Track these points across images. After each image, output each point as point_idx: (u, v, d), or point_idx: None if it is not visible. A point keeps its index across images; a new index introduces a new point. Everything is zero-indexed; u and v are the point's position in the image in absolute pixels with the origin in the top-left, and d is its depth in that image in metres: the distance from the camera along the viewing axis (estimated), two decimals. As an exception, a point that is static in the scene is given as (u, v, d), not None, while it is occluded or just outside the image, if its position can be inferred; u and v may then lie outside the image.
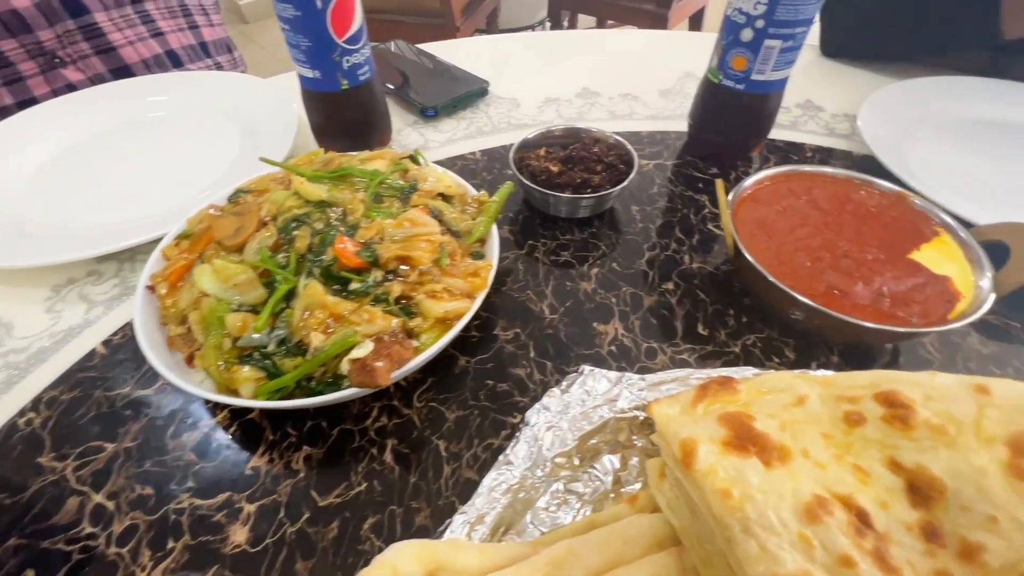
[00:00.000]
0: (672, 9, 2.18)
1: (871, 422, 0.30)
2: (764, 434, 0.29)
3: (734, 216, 0.46)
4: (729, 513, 0.25)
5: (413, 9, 2.17)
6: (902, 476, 0.28)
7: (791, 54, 0.52)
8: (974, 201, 0.55)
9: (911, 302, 0.40)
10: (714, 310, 0.47)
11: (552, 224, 0.55)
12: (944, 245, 0.44)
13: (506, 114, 0.73)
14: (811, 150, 0.66)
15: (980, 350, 0.44)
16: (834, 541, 0.25)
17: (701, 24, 2.54)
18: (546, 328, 0.46)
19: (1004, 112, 0.68)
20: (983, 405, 0.28)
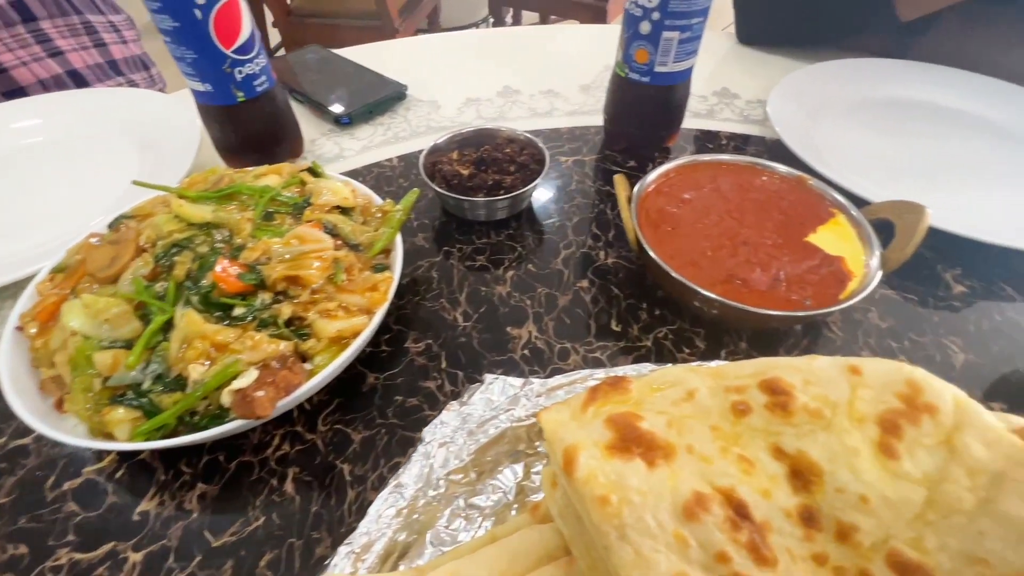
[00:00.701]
0: (611, 2, 2.20)
1: (756, 411, 0.30)
2: (650, 433, 0.29)
3: (639, 210, 0.46)
4: (606, 520, 0.25)
5: (349, 12, 2.13)
6: (785, 463, 0.29)
7: (691, 45, 0.53)
8: (875, 180, 0.57)
9: (806, 285, 0.40)
10: (627, 305, 0.47)
11: (468, 228, 0.54)
12: (839, 226, 0.45)
13: (425, 117, 0.71)
14: (726, 137, 0.67)
15: (879, 325, 0.45)
16: (710, 538, 0.25)
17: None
18: (459, 337, 0.45)
19: (904, 91, 0.70)
20: (856, 386, 0.29)
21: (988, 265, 0.50)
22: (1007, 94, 0.67)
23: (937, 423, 0.27)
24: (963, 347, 0.44)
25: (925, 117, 0.67)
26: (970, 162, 0.61)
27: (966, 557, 0.24)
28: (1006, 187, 0.57)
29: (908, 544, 0.25)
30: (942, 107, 0.68)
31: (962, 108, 0.67)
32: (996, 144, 0.63)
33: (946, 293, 0.48)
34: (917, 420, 0.27)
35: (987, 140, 0.63)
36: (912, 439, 0.27)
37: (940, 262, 0.51)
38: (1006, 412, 0.39)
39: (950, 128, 0.65)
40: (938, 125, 0.66)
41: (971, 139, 0.64)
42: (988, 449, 0.25)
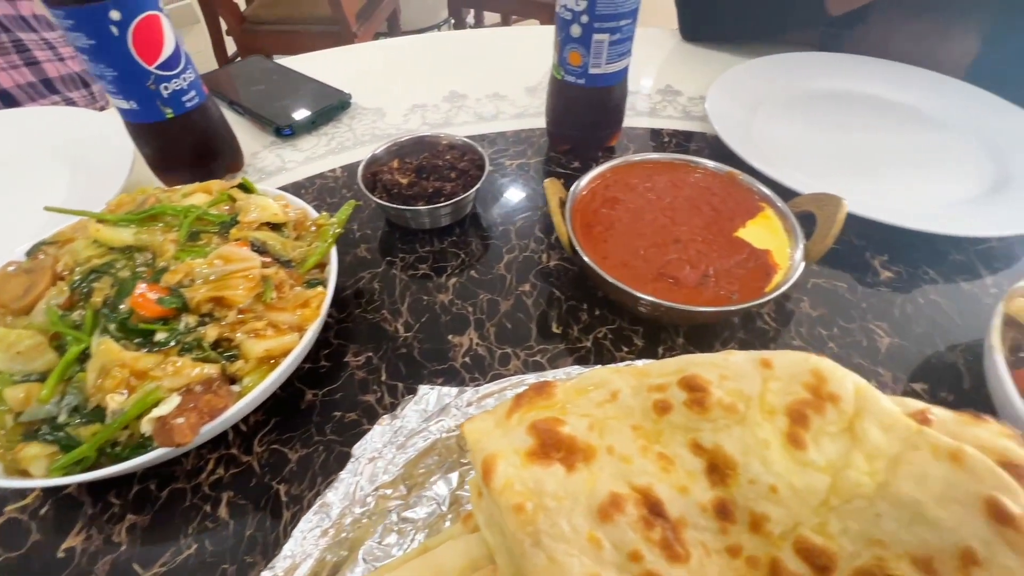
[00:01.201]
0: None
1: (677, 408, 0.31)
2: (570, 437, 0.29)
3: (574, 213, 0.46)
4: (521, 528, 0.25)
5: (306, 18, 2.09)
6: (704, 458, 0.29)
7: (622, 46, 0.53)
8: (810, 172, 0.58)
9: (734, 279, 0.41)
10: (569, 306, 0.47)
11: (412, 237, 0.54)
12: (767, 220, 0.46)
13: (370, 126, 0.70)
14: (669, 135, 0.68)
15: (811, 313, 0.47)
16: (623, 538, 0.25)
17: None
18: (400, 347, 0.45)
19: (838, 83, 0.73)
20: (767, 379, 0.30)
21: (913, 250, 0.52)
22: (933, 83, 0.70)
23: (840, 411, 0.28)
24: (889, 331, 0.45)
25: (858, 108, 0.69)
26: (899, 151, 0.63)
27: (865, 539, 0.25)
28: (932, 174, 0.60)
29: (814, 530, 0.26)
30: (874, 98, 0.70)
31: (892, 98, 0.70)
32: (924, 132, 0.65)
33: (874, 279, 0.50)
34: (822, 409, 0.28)
35: (916, 129, 0.66)
36: (818, 428, 0.28)
37: (869, 249, 0.52)
38: (927, 392, 0.41)
39: (881, 118, 0.68)
40: (870, 116, 0.68)
41: (901, 128, 0.66)
42: (886, 434, 0.27)
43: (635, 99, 0.75)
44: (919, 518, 0.24)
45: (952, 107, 0.67)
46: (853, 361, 0.43)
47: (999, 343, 0.37)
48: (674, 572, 0.25)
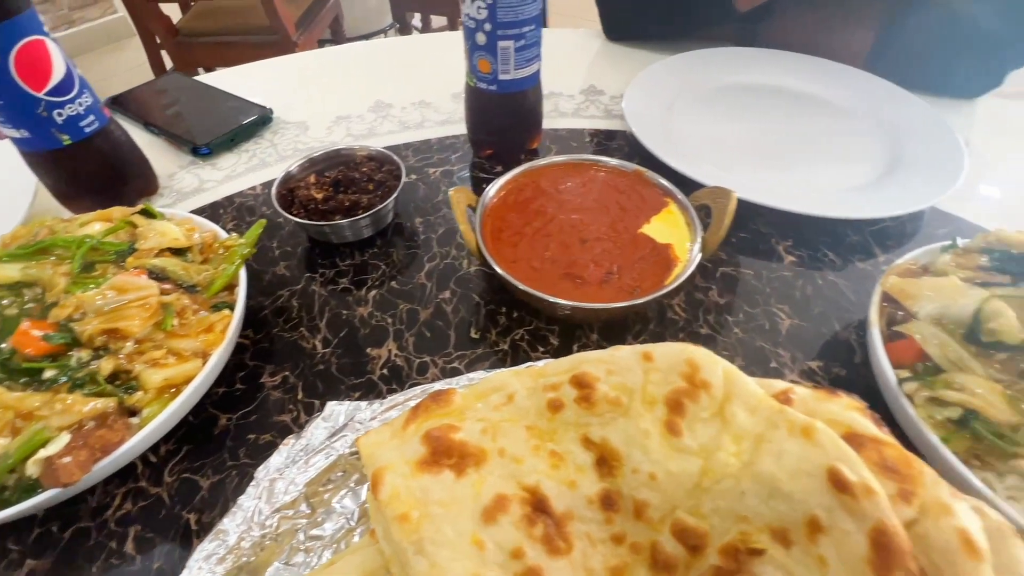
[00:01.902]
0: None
1: (568, 406, 0.32)
2: (463, 443, 0.30)
3: (484, 219, 0.47)
4: (405, 536, 0.26)
5: (242, 29, 2.04)
6: (593, 452, 0.31)
7: (529, 52, 0.54)
8: (721, 166, 0.61)
9: (636, 274, 0.43)
10: (487, 311, 0.48)
11: (332, 251, 0.54)
12: (671, 215, 0.48)
13: (293, 140, 0.70)
14: (591, 134, 0.70)
15: (718, 301, 0.49)
16: (506, 537, 0.26)
17: (546, 16, 2.61)
18: (317, 364, 0.44)
19: (751, 77, 0.76)
20: (648, 371, 0.31)
21: (815, 234, 0.55)
22: (835, 73, 0.74)
23: (711, 397, 0.29)
24: (790, 313, 0.48)
25: (768, 100, 0.72)
26: (805, 139, 0.66)
27: (733, 516, 0.26)
28: (834, 160, 0.63)
29: (689, 512, 0.27)
30: (782, 89, 0.74)
31: (799, 89, 0.73)
32: (827, 121, 0.69)
33: (778, 265, 0.52)
34: (696, 397, 0.29)
35: (820, 117, 0.69)
36: (692, 415, 0.29)
37: (775, 236, 0.55)
38: (822, 368, 0.44)
39: (788, 108, 0.71)
40: (779, 106, 0.71)
41: (806, 118, 0.69)
42: (751, 415, 0.28)
43: (559, 100, 0.76)
44: (776, 492, 0.26)
45: (852, 95, 0.71)
46: (755, 344, 0.45)
47: (876, 318, 0.39)
48: (555, 565, 0.26)
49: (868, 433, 0.26)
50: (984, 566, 0.21)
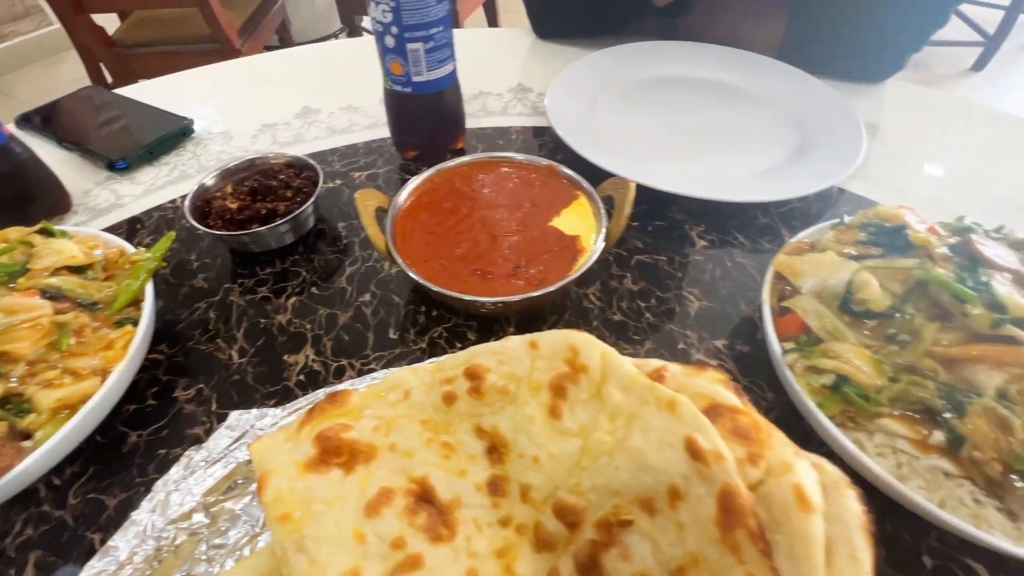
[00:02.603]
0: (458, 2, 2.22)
1: (462, 397, 0.32)
2: (353, 441, 0.30)
3: (396, 221, 0.48)
4: (287, 536, 0.26)
5: (183, 38, 1.99)
6: (485, 440, 0.32)
7: (440, 53, 0.55)
8: (639, 157, 0.63)
9: (544, 267, 0.44)
10: (407, 311, 0.49)
11: (253, 261, 0.54)
12: (580, 207, 0.49)
13: (216, 151, 0.69)
14: (517, 132, 0.71)
15: (632, 288, 0.50)
16: (388, 529, 0.27)
17: (496, 14, 2.62)
18: (233, 375, 0.44)
19: (671, 69, 0.78)
20: (534, 358, 0.32)
21: (726, 219, 0.57)
22: (749, 63, 0.76)
23: (590, 379, 0.30)
24: (699, 296, 0.50)
25: (686, 91, 0.75)
26: (720, 127, 0.69)
27: (608, 491, 0.28)
28: (747, 146, 0.66)
29: (569, 490, 0.28)
30: (699, 80, 0.76)
31: (715, 79, 0.76)
32: (741, 109, 0.71)
33: (691, 250, 0.54)
34: (576, 380, 0.31)
35: (734, 106, 0.72)
36: (573, 397, 0.30)
37: (689, 222, 0.57)
38: (726, 346, 0.46)
39: (705, 98, 0.73)
40: (696, 97, 0.74)
41: (722, 106, 0.72)
42: (625, 394, 0.30)
43: (487, 99, 0.77)
44: (643, 466, 0.27)
45: (765, 84, 0.74)
46: (665, 327, 0.47)
47: (768, 296, 0.42)
48: (437, 551, 0.27)
49: (727, 403, 0.28)
50: (814, 516, 0.23)
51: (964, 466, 0.31)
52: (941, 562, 0.34)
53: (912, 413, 0.33)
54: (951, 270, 0.37)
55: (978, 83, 3.02)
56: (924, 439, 0.32)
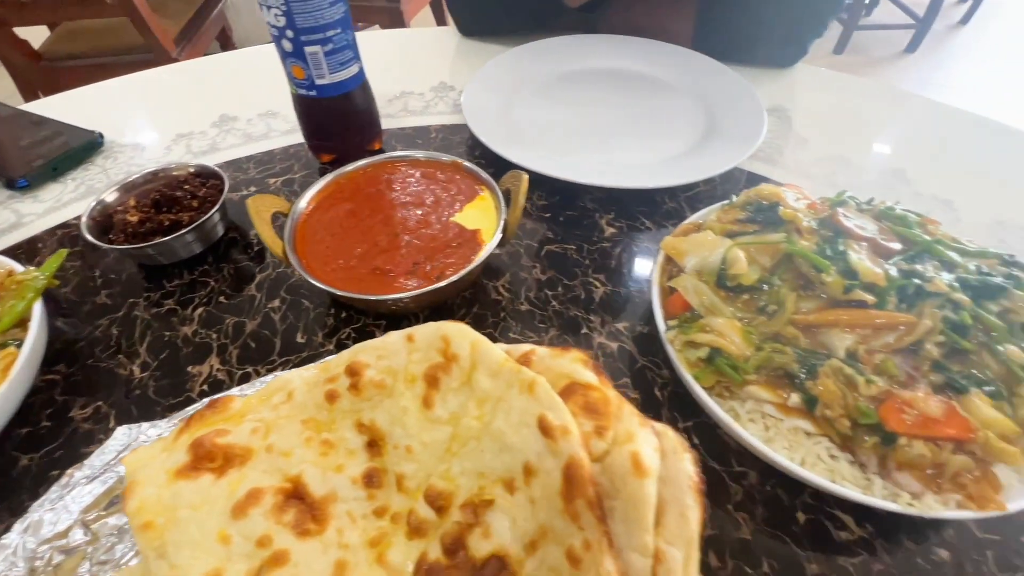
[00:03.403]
0: (403, 3, 2.21)
1: (343, 395, 0.33)
2: (228, 445, 0.30)
3: (297, 226, 0.47)
4: (148, 544, 0.26)
5: (114, 48, 1.92)
6: (365, 435, 0.32)
7: (341, 55, 0.55)
8: (553, 149, 0.64)
9: (443, 261, 0.45)
10: (316, 314, 0.49)
11: (159, 274, 0.53)
12: (483, 201, 0.50)
13: (127, 164, 0.67)
14: (436, 130, 0.71)
15: (540, 278, 0.52)
16: (254, 528, 0.27)
17: (444, 12, 2.61)
18: (134, 390, 0.44)
19: (589, 62, 0.79)
20: (411, 351, 0.33)
21: (634, 205, 0.59)
22: (663, 53, 0.79)
23: (461, 368, 0.31)
24: (604, 281, 0.51)
25: (604, 83, 0.76)
26: (633, 116, 0.70)
27: (475, 474, 0.29)
28: (658, 133, 0.67)
29: (440, 477, 0.29)
30: (617, 72, 0.78)
31: (633, 70, 0.78)
32: (654, 97, 0.73)
33: (599, 237, 0.56)
34: (448, 369, 0.31)
35: (648, 95, 0.74)
36: (446, 387, 0.31)
37: (599, 211, 0.59)
38: (627, 328, 0.47)
39: (622, 89, 0.75)
40: (613, 88, 0.75)
41: (638, 96, 0.74)
42: (493, 380, 0.30)
43: (408, 99, 0.77)
44: (504, 446, 0.28)
45: (677, 73, 0.76)
46: (570, 313, 0.48)
47: (656, 277, 0.43)
48: (304, 546, 0.27)
49: (583, 381, 0.29)
50: (647, 481, 0.24)
51: (820, 424, 0.33)
52: (813, 516, 0.36)
53: (775, 379, 0.35)
54: (815, 242, 0.39)
55: (911, 64, 3.16)
56: (785, 402, 0.34)
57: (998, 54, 3.16)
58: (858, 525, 0.35)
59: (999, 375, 0.33)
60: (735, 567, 0.34)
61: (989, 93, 2.86)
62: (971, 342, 0.34)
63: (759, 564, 0.34)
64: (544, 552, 0.25)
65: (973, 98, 2.82)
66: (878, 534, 0.35)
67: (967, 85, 2.93)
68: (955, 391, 0.32)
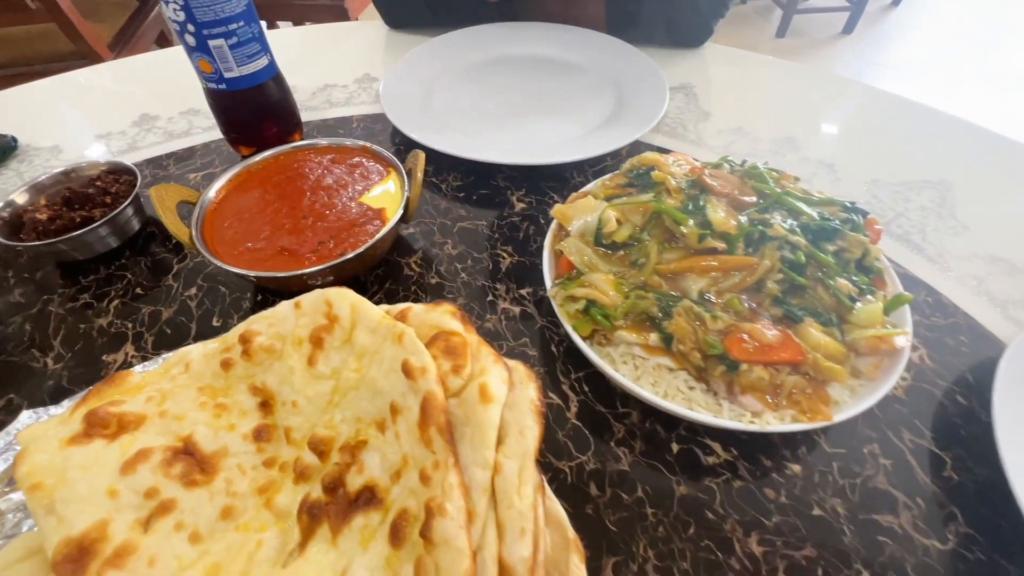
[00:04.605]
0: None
1: (237, 362, 0.35)
2: (121, 414, 0.32)
3: (207, 214, 0.49)
4: (37, 502, 0.28)
5: (44, 57, 1.85)
6: (258, 396, 0.34)
7: (247, 48, 0.56)
8: (468, 133, 0.66)
9: (350, 236, 0.47)
10: (232, 299, 0.50)
11: (74, 270, 0.53)
12: (391, 181, 0.53)
13: (43, 166, 0.67)
14: (359, 120, 0.73)
15: (451, 253, 0.54)
16: (142, 482, 0.29)
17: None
18: (47, 381, 0.45)
19: (507, 49, 0.82)
20: (298, 316, 0.35)
21: (544, 181, 0.62)
22: (577, 37, 0.82)
23: (341, 328, 0.34)
24: (511, 253, 0.54)
25: (520, 68, 0.79)
26: (549, 99, 0.74)
27: (354, 420, 0.31)
28: (570, 112, 0.71)
29: (324, 426, 0.32)
30: (533, 57, 0.81)
31: (548, 55, 0.81)
32: (568, 79, 0.77)
33: (510, 212, 0.59)
34: (331, 330, 0.34)
35: (563, 77, 0.77)
36: (329, 346, 0.34)
37: (511, 188, 0.62)
38: (530, 293, 0.50)
39: (537, 74, 0.78)
40: (529, 73, 0.78)
41: (553, 80, 0.77)
42: (371, 336, 0.33)
43: (332, 92, 0.79)
44: (377, 391, 0.31)
45: (589, 56, 0.79)
46: (478, 283, 0.51)
47: (549, 242, 0.46)
48: (191, 495, 0.29)
49: (448, 328, 0.32)
50: (492, 406, 0.28)
51: (678, 359, 0.37)
52: (686, 446, 0.40)
53: (639, 323, 0.39)
54: (680, 200, 0.43)
55: (848, 45, 3.30)
56: (648, 342, 0.38)
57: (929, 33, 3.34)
58: (724, 450, 0.39)
59: (831, 306, 0.38)
60: (613, 494, 0.37)
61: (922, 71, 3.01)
62: (807, 279, 0.38)
63: (635, 490, 0.38)
64: (406, 478, 0.28)
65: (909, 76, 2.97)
66: (741, 456, 0.39)
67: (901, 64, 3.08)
68: (792, 321, 0.37)
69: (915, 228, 0.57)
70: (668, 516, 0.36)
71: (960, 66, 3.02)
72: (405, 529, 0.26)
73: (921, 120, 0.70)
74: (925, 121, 0.70)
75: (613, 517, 0.36)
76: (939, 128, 0.69)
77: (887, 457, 0.39)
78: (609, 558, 0.34)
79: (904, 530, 0.36)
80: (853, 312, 0.37)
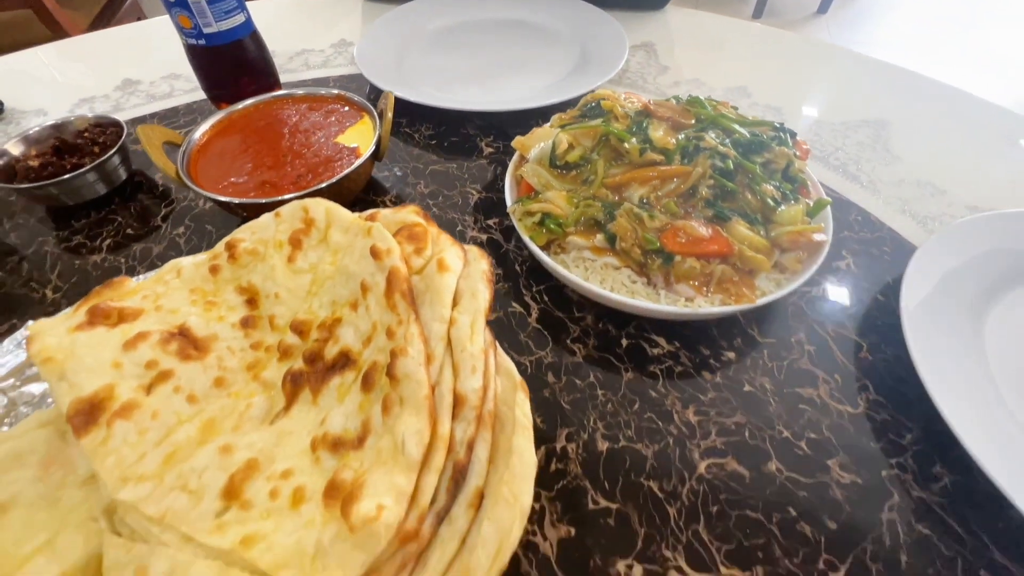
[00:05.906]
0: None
1: (224, 267, 0.39)
2: (119, 307, 0.36)
3: (193, 153, 0.52)
4: (51, 372, 0.32)
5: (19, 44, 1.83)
6: (245, 295, 0.38)
7: (225, 3, 0.59)
8: (442, 88, 0.70)
9: (327, 171, 0.51)
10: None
11: (67, 215, 0.56)
12: (364, 125, 0.56)
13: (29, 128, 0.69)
14: (335, 80, 0.77)
15: (424, 191, 0.58)
16: (142, 356, 0.33)
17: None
18: (48, 307, 0.48)
19: (474, 14, 0.86)
20: (278, 223, 0.39)
21: (509, 128, 0.66)
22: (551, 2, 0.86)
23: (317, 229, 0.38)
24: (480, 190, 0.58)
25: (489, 30, 0.83)
26: (516, 56, 0.77)
27: (330, 304, 0.35)
28: (536, 67, 0.75)
29: (304, 313, 0.36)
30: (501, 20, 0.85)
31: (515, 18, 0.85)
32: (535, 38, 0.81)
33: (479, 156, 0.63)
34: (309, 232, 0.38)
35: (529, 36, 0.81)
36: (307, 245, 0.38)
37: (480, 135, 0.66)
38: (497, 224, 0.54)
39: (505, 34, 0.82)
40: (498, 34, 0.82)
41: (520, 39, 0.81)
42: (344, 234, 0.37)
43: (309, 56, 0.82)
44: (350, 276, 0.35)
45: (556, 17, 0.83)
46: (448, 216, 0.55)
47: (512, 171, 0.51)
48: (187, 367, 0.33)
49: (411, 221, 0.36)
50: (448, 274, 0.32)
51: (622, 257, 0.42)
52: (634, 340, 0.44)
53: (588, 228, 0.43)
54: (627, 125, 0.47)
55: (823, 24, 3.37)
56: (595, 244, 0.42)
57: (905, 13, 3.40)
58: (668, 343, 0.44)
59: (757, 208, 0.42)
60: (568, 381, 0.42)
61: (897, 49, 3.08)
62: (736, 184, 0.42)
63: (587, 377, 0.42)
64: (375, 341, 0.32)
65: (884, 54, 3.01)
66: (683, 347, 0.44)
67: (876, 42, 3.15)
68: (722, 220, 0.41)
69: (851, 160, 0.62)
70: (616, 396, 0.41)
71: (935, 44, 3.09)
72: (374, 376, 0.30)
73: (862, 68, 0.75)
74: (866, 70, 0.75)
75: (567, 399, 0.41)
76: (879, 75, 0.74)
77: (811, 344, 0.44)
78: (563, 429, 0.39)
79: (822, 400, 0.41)
80: (777, 213, 0.42)
